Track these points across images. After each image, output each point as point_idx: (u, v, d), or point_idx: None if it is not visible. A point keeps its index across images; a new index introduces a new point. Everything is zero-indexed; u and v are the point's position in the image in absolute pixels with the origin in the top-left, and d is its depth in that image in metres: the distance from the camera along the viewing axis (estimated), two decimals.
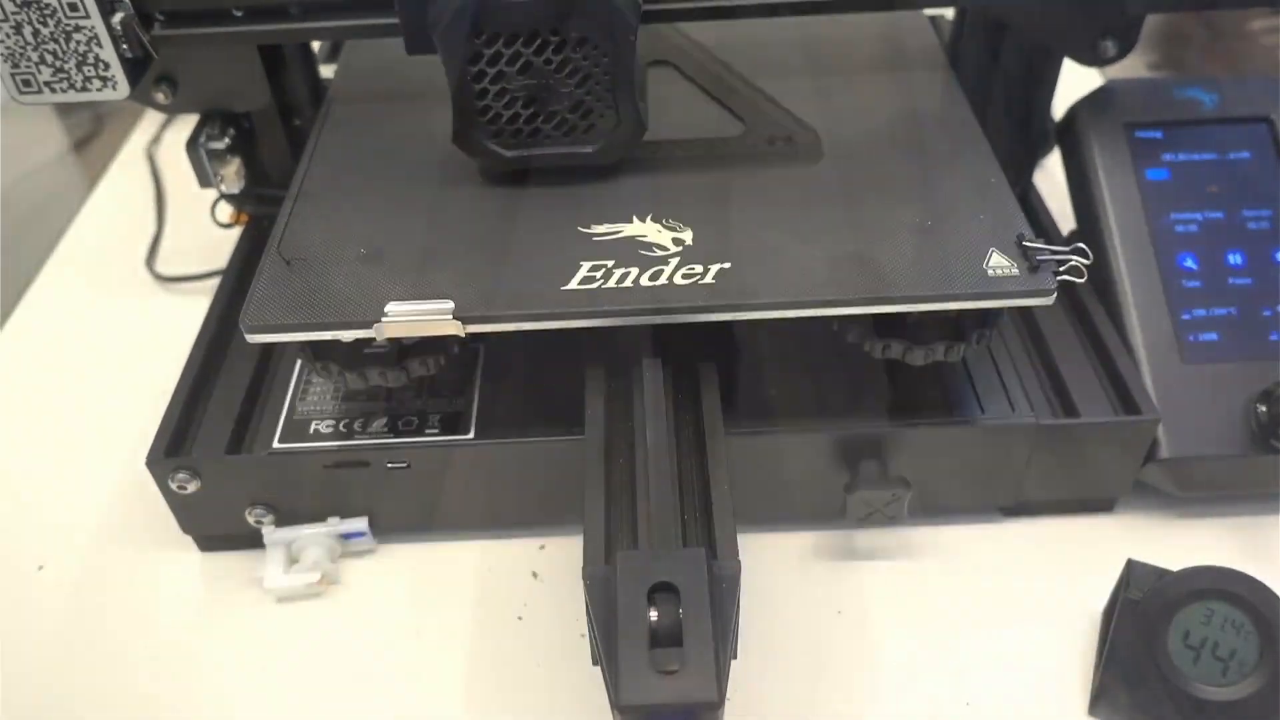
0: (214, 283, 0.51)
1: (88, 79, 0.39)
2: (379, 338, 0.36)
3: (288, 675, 0.41)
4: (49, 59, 0.39)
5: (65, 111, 0.78)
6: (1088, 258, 0.36)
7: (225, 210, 0.54)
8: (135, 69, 0.40)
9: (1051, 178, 0.55)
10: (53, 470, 0.49)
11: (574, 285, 0.37)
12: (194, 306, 0.50)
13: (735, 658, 0.32)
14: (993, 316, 0.39)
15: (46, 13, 0.38)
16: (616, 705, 0.29)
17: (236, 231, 0.54)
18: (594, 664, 0.32)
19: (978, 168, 0.41)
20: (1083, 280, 0.37)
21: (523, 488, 0.43)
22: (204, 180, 0.49)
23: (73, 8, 0.37)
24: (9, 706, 0.40)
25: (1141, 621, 0.37)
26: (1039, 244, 0.37)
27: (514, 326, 0.36)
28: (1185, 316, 0.44)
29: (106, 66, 0.39)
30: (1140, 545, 0.41)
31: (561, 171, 0.41)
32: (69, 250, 0.64)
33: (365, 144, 0.45)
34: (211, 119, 0.48)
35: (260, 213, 0.53)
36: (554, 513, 0.44)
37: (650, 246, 0.38)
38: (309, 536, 0.43)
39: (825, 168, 0.42)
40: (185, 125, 0.49)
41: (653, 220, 0.39)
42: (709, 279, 0.37)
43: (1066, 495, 0.44)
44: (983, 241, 0.38)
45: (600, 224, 0.39)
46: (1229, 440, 0.42)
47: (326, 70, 0.54)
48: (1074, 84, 0.50)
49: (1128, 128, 0.47)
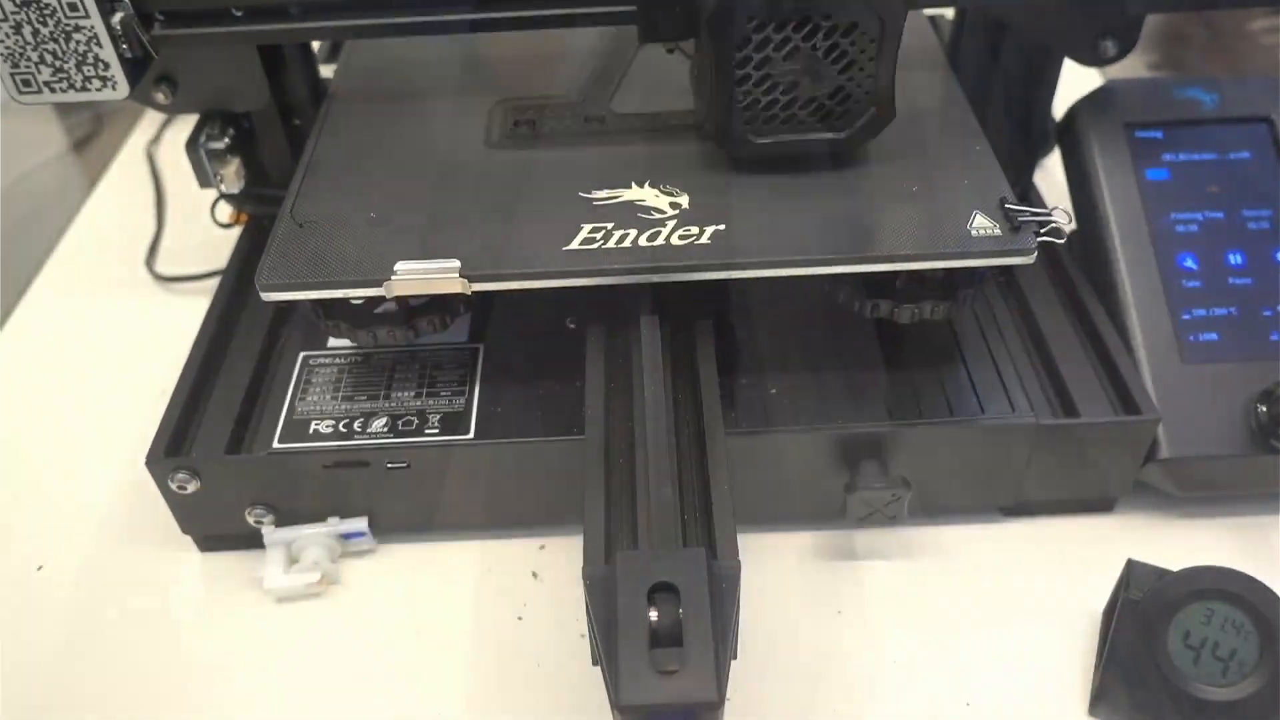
0: (214, 283, 0.51)
1: (87, 79, 0.39)
2: (388, 295, 0.38)
3: (288, 675, 0.41)
4: (49, 59, 0.39)
5: (65, 111, 0.78)
6: (1069, 219, 0.37)
7: (225, 210, 0.54)
8: (135, 69, 0.40)
9: (1051, 178, 0.55)
10: (53, 470, 0.49)
11: (575, 246, 0.38)
12: (194, 306, 0.50)
13: (735, 658, 0.32)
14: (977, 276, 0.40)
15: (46, 13, 0.38)
16: (616, 705, 0.29)
17: (236, 231, 0.54)
18: (594, 664, 0.32)
19: (963, 138, 0.43)
20: (1062, 241, 0.38)
21: (523, 488, 0.43)
22: (204, 180, 0.49)
23: (72, 8, 0.37)
24: (9, 706, 0.40)
25: (1141, 621, 0.37)
26: (1021, 206, 0.38)
27: (518, 285, 0.38)
28: (1185, 316, 0.44)
29: (106, 66, 0.39)
30: (1140, 545, 0.41)
31: (563, 141, 0.42)
32: (69, 250, 0.64)
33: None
34: (211, 119, 0.48)
35: (260, 212, 0.53)
36: (554, 513, 0.44)
37: (648, 210, 0.39)
38: (309, 536, 0.43)
39: None
40: (185, 125, 0.49)
41: (650, 185, 0.40)
42: (704, 239, 0.38)
43: (1066, 495, 0.44)
44: (967, 204, 0.39)
45: (600, 189, 0.40)
46: (1229, 440, 0.42)
47: (326, 70, 0.54)
48: (1074, 84, 0.50)
49: (1128, 128, 0.47)
